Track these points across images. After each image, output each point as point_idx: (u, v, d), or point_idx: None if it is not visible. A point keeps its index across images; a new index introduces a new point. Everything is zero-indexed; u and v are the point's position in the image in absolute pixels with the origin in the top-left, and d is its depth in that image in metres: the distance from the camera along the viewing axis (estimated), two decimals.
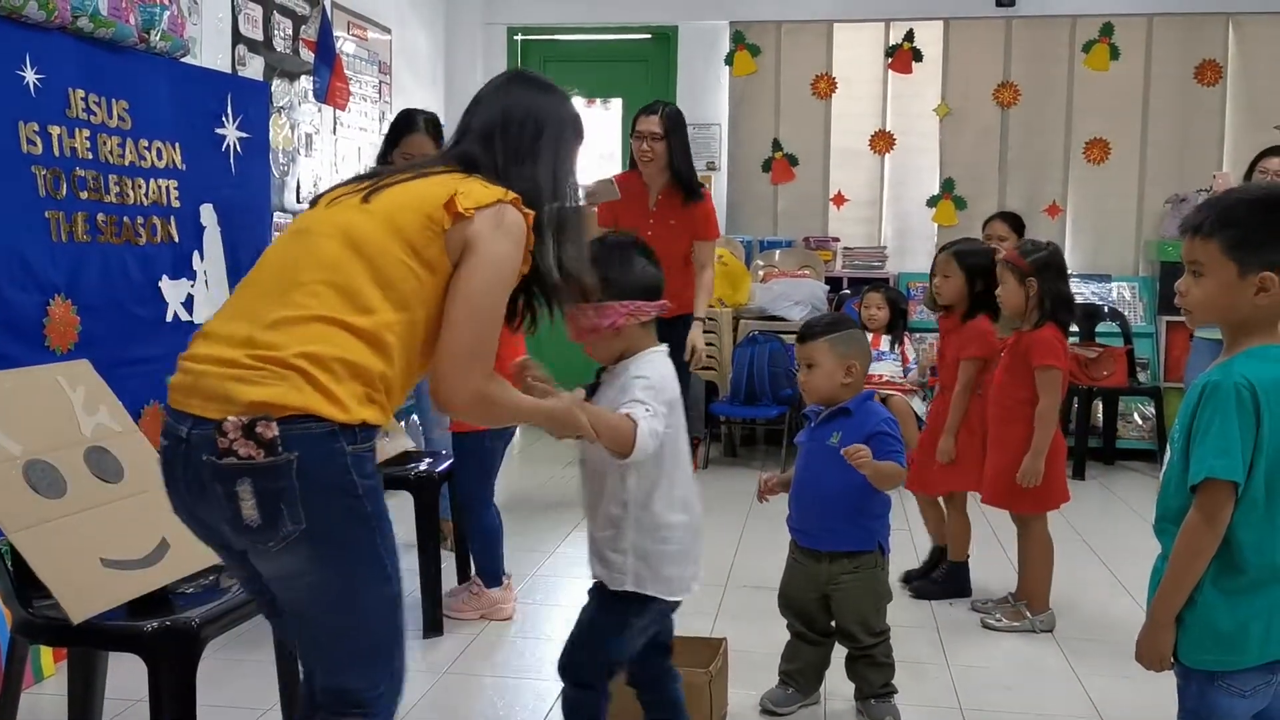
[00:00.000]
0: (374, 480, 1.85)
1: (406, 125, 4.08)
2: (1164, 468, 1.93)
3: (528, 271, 1.97)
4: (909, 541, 4.46)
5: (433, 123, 4.14)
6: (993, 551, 4.40)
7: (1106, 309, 6.59)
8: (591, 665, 2.37)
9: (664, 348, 2.38)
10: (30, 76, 3.18)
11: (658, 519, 2.29)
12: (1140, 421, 6.57)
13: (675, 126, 4.95)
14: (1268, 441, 1.78)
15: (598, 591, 2.40)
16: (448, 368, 1.88)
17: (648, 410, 2.18)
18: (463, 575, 3.92)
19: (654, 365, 2.31)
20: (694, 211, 5.01)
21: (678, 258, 4.95)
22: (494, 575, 3.72)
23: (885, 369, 5.70)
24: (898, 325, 5.76)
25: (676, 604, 2.41)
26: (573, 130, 2.13)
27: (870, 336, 5.38)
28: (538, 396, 2.14)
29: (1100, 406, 6.42)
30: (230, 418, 1.73)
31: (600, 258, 2.27)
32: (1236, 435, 1.76)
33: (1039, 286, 3.60)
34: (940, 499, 4.09)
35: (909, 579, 4.07)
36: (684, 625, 3.45)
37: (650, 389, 2.24)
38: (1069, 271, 3.79)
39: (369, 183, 1.97)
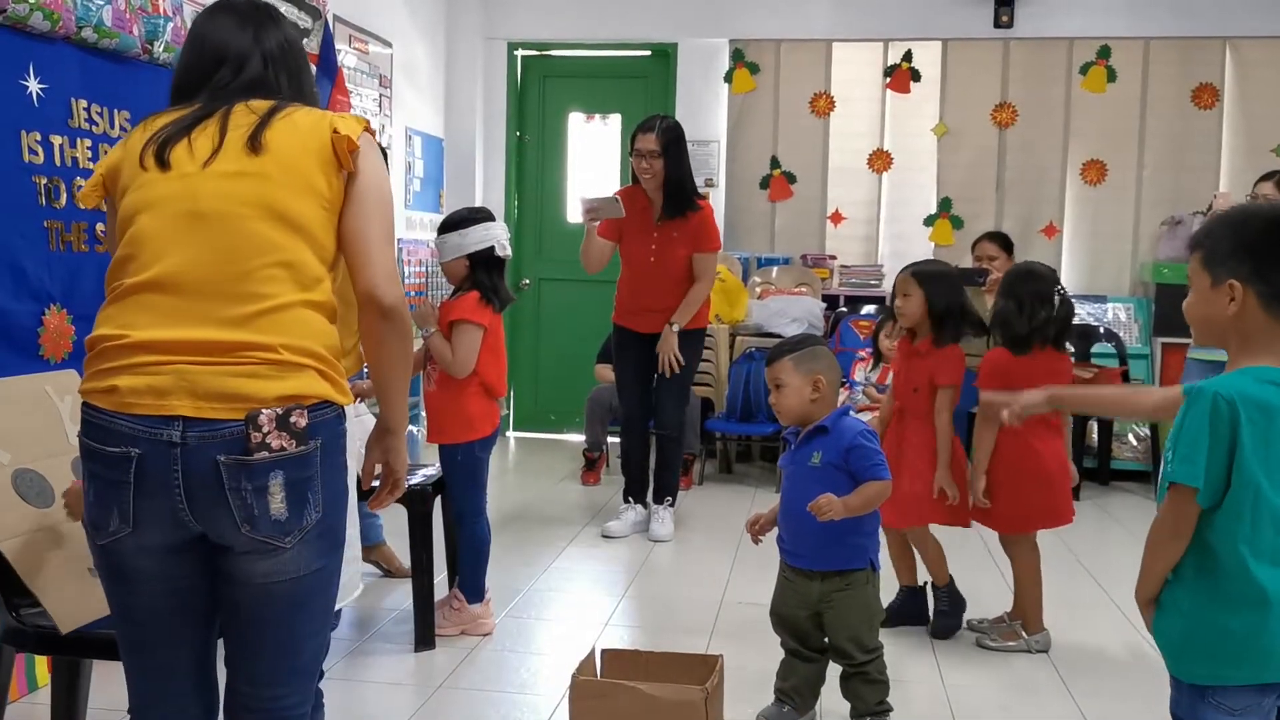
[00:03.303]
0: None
1: None
2: (1160, 479, 1.95)
3: None
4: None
5: None
6: (988, 572, 4.40)
7: (1102, 330, 6.60)
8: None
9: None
10: (34, 86, 3.18)
11: None
12: (1135, 442, 6.57)
13: (672, 140, 4.89)
14: (1248, 458, 1.79)
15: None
16: (384, 276, 1.86)
17: None
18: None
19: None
20: (691, 222, 4.93)
21: (683, 272, 4.95)
22: (477, 590, 3.71)
23: None
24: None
25: None
26: None
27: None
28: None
29: (1095, 427, 6.42)
30: (265, 411, 1.71)
31: None
32: (1205, 444, 1.78)
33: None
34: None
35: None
36: (679, 643, 3.47)
37: None
38: (1061, 290, 3.73)
39: (217, 128, 1.88)
